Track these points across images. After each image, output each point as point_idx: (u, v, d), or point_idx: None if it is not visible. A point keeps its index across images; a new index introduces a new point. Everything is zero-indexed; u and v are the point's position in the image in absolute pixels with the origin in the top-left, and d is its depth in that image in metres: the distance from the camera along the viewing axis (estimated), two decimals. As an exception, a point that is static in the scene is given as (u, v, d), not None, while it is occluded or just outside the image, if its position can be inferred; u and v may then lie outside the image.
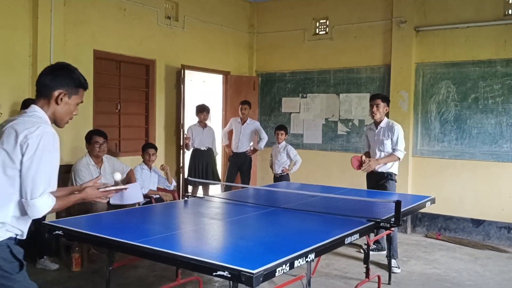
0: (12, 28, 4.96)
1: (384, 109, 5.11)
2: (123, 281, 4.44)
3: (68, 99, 2.28)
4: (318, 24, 7.64)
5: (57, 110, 2.27)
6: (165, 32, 6.69)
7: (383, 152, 5.10)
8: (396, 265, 4.91)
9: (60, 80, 2.26)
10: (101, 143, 5.01)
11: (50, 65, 2.35)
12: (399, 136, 5.03)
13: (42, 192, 2.09)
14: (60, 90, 2.26)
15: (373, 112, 5.12)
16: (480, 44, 6.21)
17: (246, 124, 7.11)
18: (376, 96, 5.19)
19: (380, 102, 5.08)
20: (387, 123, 5.13)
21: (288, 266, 2.34)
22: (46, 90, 2.25)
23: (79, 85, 2.33)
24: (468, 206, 6.32)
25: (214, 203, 4.25)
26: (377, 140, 5.16)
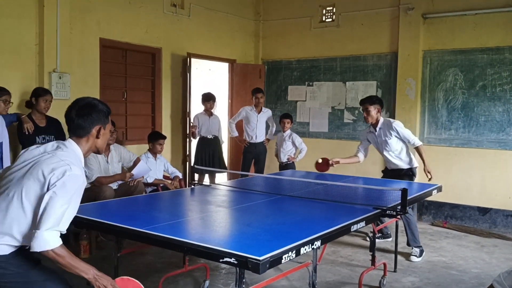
0: (19, 17, 4.96)
1: (375, 111, 4.99)
2: (131, 267, 4.49)
3: (104, 130, 2.43)
4: (324, 11, 7.59)
5: (98, 142, 2.44)
6: (171, 20, 6.67)
7: (391, 151, 5.03)
8: (416, 253, 4.88)
9: (93, 118, 2.37)
10: (112, 132, 5.04)
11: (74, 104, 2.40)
12: (404, 131, 4.96)
13: (51, 227, 2.09)
14: (97, 126, 2.39)
15: (365, 117, 5.07)
16: (488, 31, 6.15)
17: (262, 112, 6.95)
18: (363, 101, 5.08)
19: (368, 106, 4.98)
20: (384, 123, 5.04)
21: (294, 253, 2.36)
22: (83, 131, 2.37)
23: (107, 115, 2.45)
24: (475, 194, 6.31)
25: (221, 191, 4.27)
26: (380, 141, 5.09)
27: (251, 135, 6.94)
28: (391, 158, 5.06)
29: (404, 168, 5.05)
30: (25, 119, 4.56)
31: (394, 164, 5.08)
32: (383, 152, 5.09)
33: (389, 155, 5.06)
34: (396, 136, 4.98)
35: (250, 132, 6.94)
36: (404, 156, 5.05)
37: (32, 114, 4.71)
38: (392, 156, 5.05)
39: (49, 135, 4.75)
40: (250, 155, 6.98)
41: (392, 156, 5.04)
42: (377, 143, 5.14)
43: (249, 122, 6.92)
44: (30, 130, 4.54)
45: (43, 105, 4.64)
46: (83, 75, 5.57)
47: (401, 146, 5.03)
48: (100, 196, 4.70)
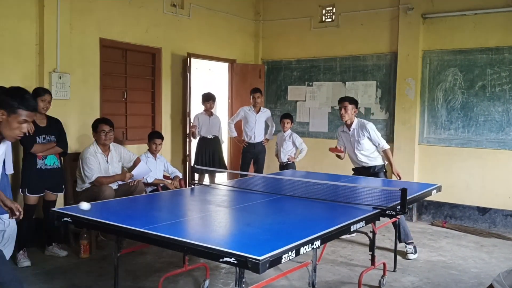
0: (19, 17, 4.97)
1: (352, 110, 5.27)
2: (131, 267, 4.49)
3: (8, 117, 2.57)
4: (324, 11, 7.59)
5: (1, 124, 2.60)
6: (171, 20, 6.68)
7: (362, 151, 5.27)
8: (411, 250, 4.97)
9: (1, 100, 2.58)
10: (107, 132, 5.03)
11: None
12: (375, 133, 5.24)
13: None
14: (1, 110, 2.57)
15: (341, 114, 5.29)
16: (488, 31, 6.16)
17: (260, 112, 6.97)
18: (343, 99, 5.37)
19: (347, 104, 5.25)
20: (358, 123, 5.29)
21: (294, 253, 2.36)
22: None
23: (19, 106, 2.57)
24: (474, 194, 6.32)
25: (221, 190, 4.28)
26: (352, 141, 5.32)
27: (250, 135, 6.94)
28: (360, 156, 5.30)
29: (378, 165, 5.31)
30: None
31: (362, 162, 5.31)
32: (354, 150, 5.33)
33: (359, 153, 5.30)
34: (368, 137, 5.23)
35: (249, 132, 6.95)
36: (376, 154, 5.31)
37: (33, 114, 4.70)
38: (362, 155, 5.29)
39: (50, 135, 4.76)
40: (249, 155, 6.98)
41: (362, 155, 5.29)
42: (349, 142, 5.37)
43: (248, 122, 6.93)
44: (30, 131, 4.54)
45: (42, 105, 4.64)
46: (83, 75, 5.58)
47: (371, 147, 5.29)
48: (100, 196, 4.70)
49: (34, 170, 4.65)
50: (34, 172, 4.64)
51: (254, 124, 6.91)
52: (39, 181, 4.68)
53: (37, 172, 4.66)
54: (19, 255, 4.51)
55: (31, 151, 4.60)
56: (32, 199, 4.67)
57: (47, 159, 4.72)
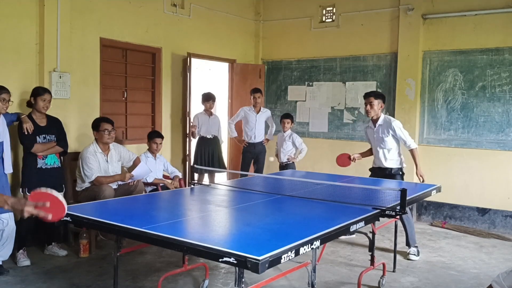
0: (19, 16, 4.97)
1: (378, 106, 5.03)
2: (131, 267, 4.49)
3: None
4: (324, 12, 7.59)
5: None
6: (171, 19, 6.68)
7: (385, 149, 5.07)
8: (414, 252, 4.96)
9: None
10: (110, 130, 5.04)
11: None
12: (401, 130, 5.00)
13: None
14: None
15: (367, 110, 5.09)
16: (488, 32, 6.16)
17: (260, 112, 6.97)
18: (368, 94, 5.09)
19: (373, 99, 5.00)
20: (384, 120, 5.07)
21: (293, 253, 2.36)
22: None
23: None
24: (474, 195, 6.32)
25: (220, 190, 4.28)
26: (376, 137, 5.13)
27: (250, 135, 6.94)
28: (384, 155, 5.09)
29: (394, 167, 5.08)
30: (25, 119, 4.56)
31: (384, 162, 5.10)
32: (378, 148, 5.13)
33: (382, 152, 5.09)
34: (392, 135, 5.02)
35: (249, 132, 6.95)
36: (396, 156, 5.09)
37: (33, 114, 4.71)
38: (385, 154, 5.08)
39: (50, 135, 4.76)
40: (249, 155, 6.98)
41: (385, 154, 5.08)
42: (374, 139, 5.19)
43: (248, 122, 6.93)
44: (30, 130, 4.54)
45: (42, 105, 4.64)
46: (83, 75, 5.58)
47: (395, 145, 5.07)
48: (99, 196, 4.71)
49: (35, 169, 4.64)
50: (35, 171, 4.64)
51: (254, 124, 6.91)
52: (39, 181, 4.67)
53: (38, 171, 4.66)
54: (19, 254, 4.51)
55: (32, 151, 4.60)
56: (32, 198, 4.66)
57: (48, 158, 4.72)
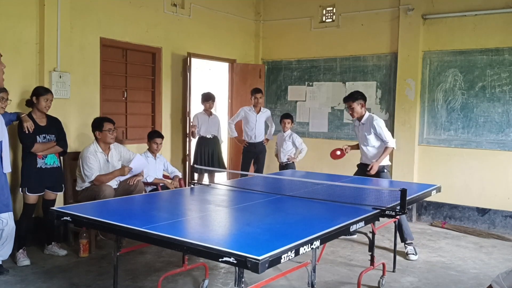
0: (19, 16, 4.96)
1: (359, 106, 5.22)
2: (131, 266, 4.49)
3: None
4: (324, 12, 7.59)
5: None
6: (171, 19, 6.68)
7: (368, 146, 5.28)
8: (412, 251, 4.97)
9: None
10: (113, 130, 5.07)
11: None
12: (382, 129, 5.15)
13: None
14: None
15: (350, 114, 5.32)
16: (488, 32, 6.16)
17: (261, 112, 6.98)
18: (346, 99, 5.30)
19: (351, 103, 5.21)
20: (368, 119, 5.24)
21: (293, 253, 2.36)
22: None
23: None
24: (474, 195, 6.32)
25: (220, 190, 4.28)
26: (361, 135, 5.34)
27: (250, 135, 6.94)
28: (368, 152, 5.30)
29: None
30: (25, 118, 4.56)
31: (368, 159, 5.29)
32: (362, 145, 5.36)
33: (366, 149, 5.31)
34: (374, 133, 5.19)
35: (249, 132, 6.95)
36: (378, 154, 5.22)
37: (33, 113, 4.71)
38: (368, 151, 5.29)
39: (50, 134, 4.76)
40: (249, 155, 6.99)
41: (369, 151, 5.29)
42: (359, 136, 5.40)
43: (248, 122, 6.94)
44: (30, 129, 4.54)
45: (44, 104, 4.64)
46: (83, 74, 5.58)
47: (378, 144, 5.23)
48: (99, 195, 4.71)
49: (34, 169, 4.64)
50: (34, 171, 4.64)
51: (255, 124, 6.91)
52: (39, 180, 4.68)
53: (37, 171, 4.66)
54: (19, 254, 4.51)
55: (32, 151, 4.60)
56: (32, 198, 4.67)
57: (47, 158, 4.72)
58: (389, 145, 5.16)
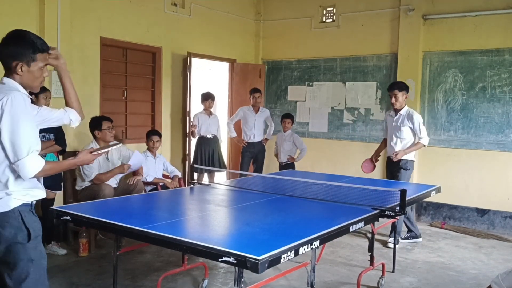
0: (19, 15, 4.96)
1: (403, 97, 5.26)
2: (130, 266, 4.49)
3: (28, 67, 2.29)
4: (325, 12, 7.60)
5: (22, 79, 2.30)
6: (172, 19, 6.68)
7: (399, 138, 5.29)
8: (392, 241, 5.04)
9: (12, 52, 2.26)
10: (111, 128, 5.08)
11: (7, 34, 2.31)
12: (420, 125, 5.21)
13: (28, 151, 2.16)
14: (16, 62, 2.26)
15: (392, 103, 5.30)
16: (489, 32, 6.16)
17: (259, 112, 6.99)
18: (392, 87, 5.31)
19: (397, 92, 5.24)
20: (407, 112, 5.29)
21: (293, 253, 2.36)
22: (5, 63, 2.28)
23: (35, 51, 2.30)
24: (474, 196, 6.32)
25: (220, 190, 4.28)
26: (394, 126, 5.34)
27: (249, 134, 6.95)
28: (397, 144, 5.29)
29: (403, 159, 5.24)
30: None
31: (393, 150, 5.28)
32: (393, 136, 5.35)
33: (397, 140, 5.30)
34: (409, 127, 5.23)
35: (248, 132, 6.96)
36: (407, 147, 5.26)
37: (32, 112, 4.70)
38: (397, 143, 5.29)
39: (49, 133, 4.76)
40: (248, 155, 6.99)
41: (397, 143, 5.29)
42: (391, 127, 5.39)
43: (247, 122, 6.95)
44: None
45: (43, 102, 4.64)
46: (83, 74, 5.57)
47: (410, 138, 5.27)
48: (99, 195, 4.70)
49: (33, 168, 4.64)
50: (33, 170, 4.64)
51: (254, 124, 6.92)
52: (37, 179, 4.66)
53: (36, 170, 4.65)
54: (18, 253, 4.50)
55: (31, 149, 4.59)
56: (31, 197, 4.66)
57: (46, 157, 4.72)
58: (422, 141, 5.21)
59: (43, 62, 2.36)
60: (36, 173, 2.20)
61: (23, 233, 2.25)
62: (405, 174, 5.23)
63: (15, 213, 2.24)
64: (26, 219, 2.27)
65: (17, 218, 2.24)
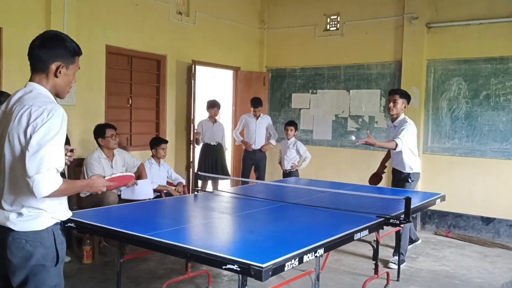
0: (26, 23, 5.01)
1: (402, 105, 4.94)
2: (134, 273, 4.49)
3: (67, 70, 2.17)
4: (329, 20, 7.63)
5: (57, 83, 2.17)
6: (176, 27, 6.72)
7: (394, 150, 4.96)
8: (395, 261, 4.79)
9: (55, 52, 2.13)
10: (115, 135, 5.09)
11: (40, 35, 2.18)
12: (406, 129, 4.79)
13: (49, 168, 1.93)
14: (58, 63, 2.14)
15: (389, 107, 5.00)
16: (492, 40, 6.16)
17: (260, 118, 7.00)
18: (394, 92, 5.04)
19: (398, 98, 4.92)
20: (401, 121, 4.96)
21: (297, 261, 2.36)
22: (42, 64, 2.14)
23: (74, 53, 2.18)
24: (478, 204, 6.29)
25: (224, 197, 4.28)
26: (393, 137, 4.99)
27: (250, 141, 6.98)
28: (398, 155, 4.94)
29: (404, 172, 4.96)
30: None
31: (396, 163, 5.05)
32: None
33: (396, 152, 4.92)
34: None
35: (249, 138, 6.99)
36: (406, 158, 4.91)
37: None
38: (397, 154, 4.94)
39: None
40: (249, 162, 7.00)
41: (400, 154, 4.91)
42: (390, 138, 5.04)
43: (248, 128, 7.00)
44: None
45: None
46: (88, 81, 5.61)
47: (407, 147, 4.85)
48: (103, 202, 4.71)
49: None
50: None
51: (255, 130, 6.95)
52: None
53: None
54: (22, 260, 4.50)
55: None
56: (35, 204, 4.67)
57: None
58: (396, 141, 4.73)
59: (78, 68, 2.25)
60: (51, 192, 1.95)
61: (53, 255, 2.12)
62: (409, 186, 5.02)
63: (49, 232, 2.10)
64: (57, 240, 2.14)
65: (50, 238, 2.10)
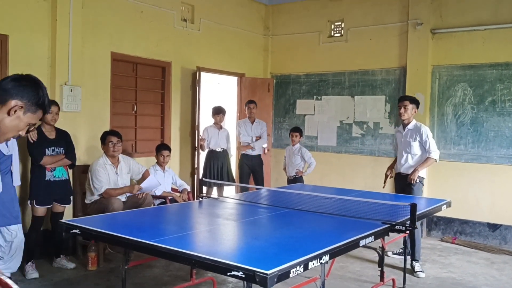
0: (32, 30, 5.04)
1: (412, 110, 5.16)
2: (139, 280, 4.48)
3: (22, 114, 1.97)
4: (333, 26, 7.63)
5: (5, 121, 1.94)
6: (181, 34, 6.74)
7: (410, 154, 5.16)
8: (420, 269, 4.92)
9: (24, 91, 1.98)
10: (115, 143, 5.08)
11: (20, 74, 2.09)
12: (428, 138, 5.07)
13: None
14: (19, 102, 1.95)
15: (400, 113, 5.19)
16: (498, 46, 6.15)
17: (255, 123, 7.07)
18: (404, 98, 5.26)
19: (408, 103, 5.14)
20: (415, 125, 5.18)
21: (302, 268, 2.34)
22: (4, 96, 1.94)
23: (40, 105, 2.02)
24: (485, 210, 6.25)
25: (229, 204, 4.27)
26: (404, 142, 5.22)
27: None
28: (408, 160, 5.17)
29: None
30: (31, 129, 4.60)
31: (406, 167, 5.17)
32: (403, 152, 5.21)
33: (407, 157, 5.17)
34: (419, 141, 5.11)
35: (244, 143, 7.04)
36: (419, 163, 5.12)
37: (42, 126, 4.75)
38: (408, 159, 5.17)
39: (59, 147, 4.79)
40: (246, 168, 7.04)
41: (409, 159, 5.17)
42: (401, 143, 5.27)
43: (245, 133, 7.04)
44: (34, 138, 4.56)
45: (49, 117, 4.68)
46: (94, 88, 5.63)
47: (420, 153, 5.13)
48: (108, 208, 4.72)
49: (43, 182, 4.67)
50: (43, 184, 4.67)
51: (250, 135, 6.99)
52: (47, 193, 4.70)
53: (46, 184, 4.68)
54: (27, 267, 4.52)
55: (41, 163, 4.63)
56: (40, 210, 4.69)
57: (56, 171, 4.75)
58: (432, 156, 5.04)
59: (34, 121, 2.04)
60: None
61: None
62: (417, 189, 5.09)
63: None
64: None
65: None
